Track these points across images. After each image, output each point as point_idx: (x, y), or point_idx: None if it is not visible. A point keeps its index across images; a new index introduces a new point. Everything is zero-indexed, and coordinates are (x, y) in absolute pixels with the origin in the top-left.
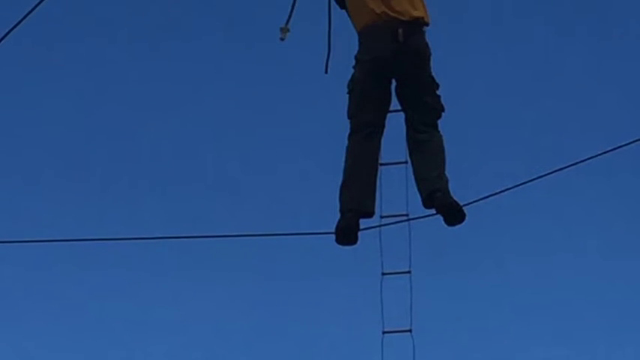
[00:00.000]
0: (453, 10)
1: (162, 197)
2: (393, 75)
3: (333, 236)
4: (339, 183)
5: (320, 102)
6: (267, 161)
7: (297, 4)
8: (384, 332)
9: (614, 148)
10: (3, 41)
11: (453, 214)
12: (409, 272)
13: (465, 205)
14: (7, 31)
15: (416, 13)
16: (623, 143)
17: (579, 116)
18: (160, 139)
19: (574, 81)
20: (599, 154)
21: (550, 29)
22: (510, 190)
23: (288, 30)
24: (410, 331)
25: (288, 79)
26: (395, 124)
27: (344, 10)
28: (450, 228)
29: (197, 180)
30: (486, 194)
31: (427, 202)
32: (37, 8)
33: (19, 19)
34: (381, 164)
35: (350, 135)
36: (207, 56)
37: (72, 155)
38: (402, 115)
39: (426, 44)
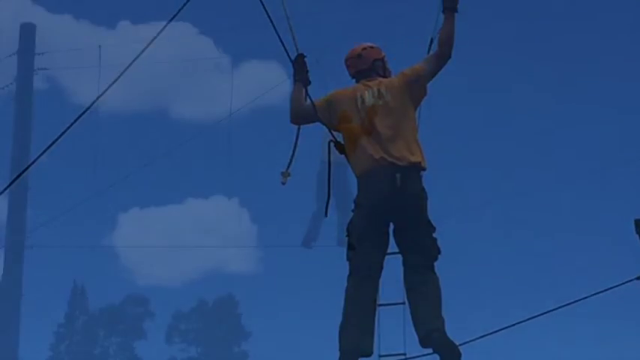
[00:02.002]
0: (449, 154)
1: None
2: (391, 218)
3: None
4: (339, 323)
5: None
6: (270, 304)
7: (297, 150)
8: None
9: (605, 290)
10: None
11: (450, 354)
12: None
13: (460, 344)
14: None
15: (413, 159)
16: (614, 284)
17: (571, 259)
18: None
19: (566, 224)
20: (591, 295)
21: (543, 175)
22: (505, 330)
23: (289, 174)
24: None
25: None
26: (393, 266)
27: (343, 155)
28: None
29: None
30: (481, 334)
31: (424, 342)
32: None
33: None
34: (380, 305)
35: (349, 276)
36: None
37: None
38: (399, 257)
39: (423, 188)
